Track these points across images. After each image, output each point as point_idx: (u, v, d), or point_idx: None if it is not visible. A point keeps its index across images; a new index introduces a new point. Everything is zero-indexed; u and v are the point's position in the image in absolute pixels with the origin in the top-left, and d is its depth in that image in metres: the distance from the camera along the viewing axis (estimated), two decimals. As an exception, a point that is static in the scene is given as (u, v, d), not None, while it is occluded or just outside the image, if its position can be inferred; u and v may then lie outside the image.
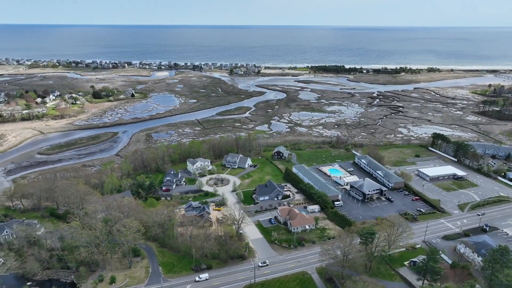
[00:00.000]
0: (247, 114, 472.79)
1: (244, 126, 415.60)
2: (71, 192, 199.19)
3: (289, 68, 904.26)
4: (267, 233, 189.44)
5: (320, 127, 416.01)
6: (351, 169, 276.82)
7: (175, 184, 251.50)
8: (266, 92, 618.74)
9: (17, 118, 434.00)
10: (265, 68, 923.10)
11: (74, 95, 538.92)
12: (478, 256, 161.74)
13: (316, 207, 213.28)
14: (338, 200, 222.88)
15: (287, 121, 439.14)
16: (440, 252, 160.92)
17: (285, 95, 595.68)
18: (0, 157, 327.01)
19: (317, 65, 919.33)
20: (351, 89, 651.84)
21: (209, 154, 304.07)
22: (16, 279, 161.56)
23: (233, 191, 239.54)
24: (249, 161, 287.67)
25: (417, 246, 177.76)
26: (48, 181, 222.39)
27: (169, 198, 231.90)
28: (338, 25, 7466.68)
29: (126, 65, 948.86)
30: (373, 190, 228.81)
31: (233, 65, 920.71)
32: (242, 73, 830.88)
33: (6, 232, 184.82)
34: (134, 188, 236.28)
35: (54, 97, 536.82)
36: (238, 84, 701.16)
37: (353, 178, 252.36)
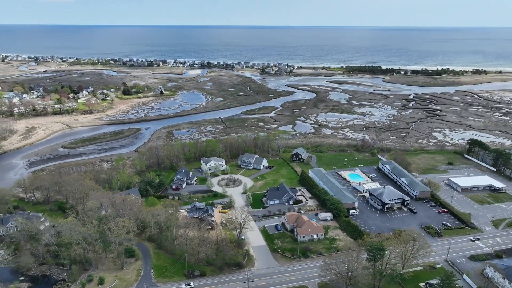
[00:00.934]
0: (272, 114, 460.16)
1: (267, 126, 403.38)
2: (75, 187, 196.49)
3: (323, 68, 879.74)
4: (271, 241, 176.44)
5: (347, 129, 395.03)
6: (374, 175, 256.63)
7: (185, 183, 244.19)
8: (295, 92, 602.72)
9: (49, 112, 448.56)
10: (298, 68, 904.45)
11: (105, 91, 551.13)
12: (509, 283, 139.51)
13: (328, 215, 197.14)
14: (354, 209, 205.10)
15: (312, 122, 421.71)
16: (463, 275, 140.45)
17: (314, 95, 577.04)
18: (26, 150, 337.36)
19: (352, 65, 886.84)
20: (385, 90, 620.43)
21: (225, 154, 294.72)
22: (11, 273, 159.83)
23: (243, 193, 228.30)
24: (265, 162, 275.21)
25: (438, 265, 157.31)
26: (56, 175, 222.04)
27: (176, 198, 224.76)
28: (380, 25, 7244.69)
29: (160, 63, 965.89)
30: (394, 199, 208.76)
31: (265, 64, 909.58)
32: (273, 72, 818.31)
33: (11, 224, 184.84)
34: (142, 186, 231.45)
35: (87, 93, 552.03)
36: (268, 83, 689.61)
37: (374, 185, 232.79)
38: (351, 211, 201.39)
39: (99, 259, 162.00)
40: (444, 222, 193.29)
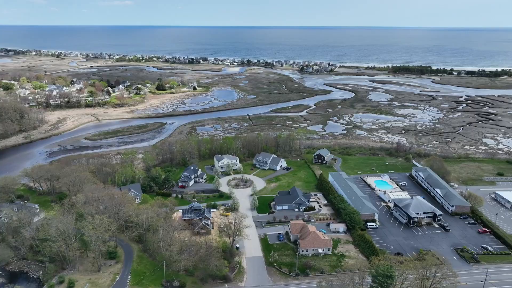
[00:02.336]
0: (303, 113, 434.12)
1: (295, 125, 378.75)
2: (70, 179, 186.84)
3: (366, 68, 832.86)
4: (270, 252, 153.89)
5: (383, 131, 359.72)
6: (404, 183, 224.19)
7: (193, 181, 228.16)
8: (332, 91, 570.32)
9: (82, 104, 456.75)
10: (340, 67, 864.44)
11: (139, 85, 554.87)
12: None
13: (341, 226, 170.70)
14: (373, 221, 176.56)
15: (345, 123, 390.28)
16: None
17: (353, 95, 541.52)
18: (52, 139, 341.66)
19: (398, 65, 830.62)
20: (433, 91, 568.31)
21: (242, 152, 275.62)
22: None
23: (252, 195, 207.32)
24: (282, 163, 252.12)
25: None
26: (58, 166, 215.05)
27: (180, 196, 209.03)
28: (438, 26, 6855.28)
29: (201, 60, 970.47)
30: (423, 213, 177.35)
31: (306, 63, 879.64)
32: (313, 71, 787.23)
33: (6, 214, 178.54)
34: (146, 181, 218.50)
35: (122, 87, 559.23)
36: (305, 82, 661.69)
37: (402, 195, 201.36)
38: (369, 224, 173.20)
39: (79, 258, 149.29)
40: (484, 245, 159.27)
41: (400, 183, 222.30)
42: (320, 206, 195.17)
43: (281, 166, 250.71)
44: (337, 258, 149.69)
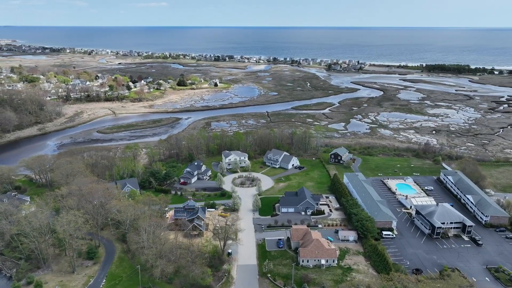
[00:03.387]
0: (325, 110, 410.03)
1: (315, 123, 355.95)
2: (61, 171, 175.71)
3: (398, 66, 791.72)
4: (265, 260, 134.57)
5: (411, 131, 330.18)
6: (431, 187, 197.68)
7: (196, 178, 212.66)
8: (359, 89, 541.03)
9: (102, 98, 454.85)
10: (370, 65, 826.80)
11: (161, 81, 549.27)
12: None
13: (351, 234, 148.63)
14: (390, 229, 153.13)
15: (370, 121, 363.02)
16: None
17: (381, 93, 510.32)
18: (66, 132, 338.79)
19: (433, 63, 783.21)
20: (470, 91, 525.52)
21: (252, 148, 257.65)
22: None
23: (257, 195, 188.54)
24: (294, 161, 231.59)
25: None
26: (55, 157, 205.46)
27: (179, 193, 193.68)
28: (477, 26, 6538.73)
29: (227, 58, 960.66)
30: (450, 223, 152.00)
31: (334, 61, 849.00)
32: (340, 69, 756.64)
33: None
34: (145, 176, 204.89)
35: (144, 82, 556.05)
36: (331, 80, 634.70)
37: (427, 201, 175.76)
38: (385, 232, 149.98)
39: (57, 257, 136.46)
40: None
41: (426, 188, 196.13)
42: (330, 210, 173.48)
43: (293, 164, 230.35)
44: (342, 272, 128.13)
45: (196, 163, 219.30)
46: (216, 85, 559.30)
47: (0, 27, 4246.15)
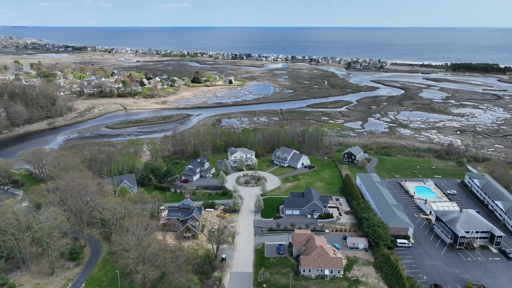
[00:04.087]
0: (342, 109, 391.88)
1: (331, 121, 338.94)
2: (53, 164, 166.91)
3: (421, 65, 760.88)
4: (263, 267, 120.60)
5: (434, 131, 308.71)
6: (453, 191, 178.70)
7: (198, 175, 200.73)
8: (379, 88, 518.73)
9: (114, 94, 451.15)
10: (392, 64, 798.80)
11: (175, 78, 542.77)
12: None
13: (361, 241, 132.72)
14: (406, 237, 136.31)
15: (389, 120, 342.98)
16: None
17: (402, 92, 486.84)
18: (75, 126, 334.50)
19: (458, 62, 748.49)
20: (499, 90, 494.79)
21: (261, 146, 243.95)
22: None
23: (262, 195, 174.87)
24: (304, 160, 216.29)
25: None
26: (49, 151, 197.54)
27: (179, 191, 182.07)
28: (506, 26, 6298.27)
29: (244, 56, 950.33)
30: (476, 232, 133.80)
31: (354, 59, 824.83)
32: (360, 67, 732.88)
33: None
34: (145, 173, 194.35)
35: (158, 79, 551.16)
36: (350, 78, 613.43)
37: (450, 206, 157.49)
38: (400, 241, 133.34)
39: (40, 257, 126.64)
40: None
41: (448, 191, 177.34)
42: (339, 214, 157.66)
43: (302, 163, 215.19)
44: (349, 285, 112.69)
45: (199, 160, 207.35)
46: (230, 82, 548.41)
47: (30, 27, 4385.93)
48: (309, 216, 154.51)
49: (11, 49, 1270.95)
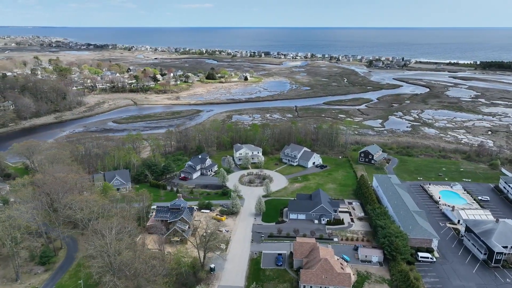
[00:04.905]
0: (361, 106, 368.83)
1: (348, 119, 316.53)
2: (38, 157, 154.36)
3: (448, 64, 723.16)
4: (257, 280, 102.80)
5: (462, 130, 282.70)
6: (486, 197, 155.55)
7: (199, 173, 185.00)
8: (402, 86, 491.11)
9: (127, 89, 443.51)
10: (416, 62, 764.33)
11: (189, 74, 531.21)
12: None
13: (375, 254, 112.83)
14: (429, 250, 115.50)
15: (412, 119, 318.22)
16: None
17: (427, 90, 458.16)
18: (82, 120, 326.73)
19: (488, 60, 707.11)
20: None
21: (270, 143, 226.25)
22: None
23: (265, 196, 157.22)
24: (315, 159, 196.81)
25: None
26: (42, 144, 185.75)
27: (175, 189, 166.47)
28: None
29: (263, 54, 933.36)
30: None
31: (376, 57, 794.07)
32: (383, 65, 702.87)
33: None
34: (141, 169, 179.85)
35: (172, 75, 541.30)
36: (371, 76, 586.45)
37: (483, 214, 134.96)
38: (422, 254, 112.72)
39: (10, 260, 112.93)
40: None
41: (480, 197, 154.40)
42: (352, 220, 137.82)
43: (313, 162, 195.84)
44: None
45: (200, 157, 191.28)
46: (246, 79, 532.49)
47: (58, 28, 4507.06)
48: (316, 221, 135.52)
49: (36, 47, 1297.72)
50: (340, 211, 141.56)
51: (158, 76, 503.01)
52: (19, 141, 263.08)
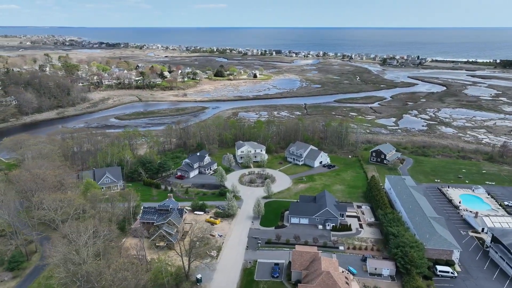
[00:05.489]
0: (374, 104, 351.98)
1: (360, 117, 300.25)
2: (21, 152, 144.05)
3: (465, 62, 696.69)
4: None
5: (482, 130, 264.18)
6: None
7: (197, 171, 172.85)
8: (417, 84, 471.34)
9: (133, 86, 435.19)
10: (432, 61, 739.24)
11: (197, 71, 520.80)
12: None
13: (386, 266, 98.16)
14: (449, 263, 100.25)
15: (428, 118, 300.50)
16: None
17: (444, 88, 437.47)
18: (84, 117, 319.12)
19: (509, 59, 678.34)
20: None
21: (275, 141, 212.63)
22: None
23: (266, 197, 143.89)
24: (323, 158, 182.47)
25: None
26: (32, 138, 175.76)
27: (169, 189, 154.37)
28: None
29: (274, 52, 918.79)
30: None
31: (390, 55, 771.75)
32: (397, 64, 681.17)
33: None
34: (134, 166, 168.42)
35: (179, 71, 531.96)
36: (385, 74, 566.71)
37: (509, 222, 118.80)
38: (441, 268, 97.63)
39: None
40: None
41: (506, 203, 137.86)
42: (360, 226, 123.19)
43: (321, 162, 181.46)
44: (365, 331, 79.10)
45: (198, 154, 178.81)
46: (255, 76, 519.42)
47: (74, 28, 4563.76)
48: (320, 226, 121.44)
49: (49, 46, 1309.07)
50: (348, 216, 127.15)
51: (166, 73, 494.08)
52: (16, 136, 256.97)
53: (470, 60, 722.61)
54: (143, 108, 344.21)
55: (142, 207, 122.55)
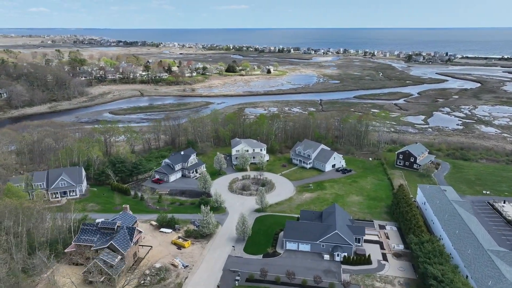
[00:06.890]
0: (399, 101, 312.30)
1: (382, 114, 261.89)
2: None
3: (500, 59, 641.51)
4: None
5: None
6: None
7: (179, 174, 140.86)
8: (447, 81, 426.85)
9: (137, 80, 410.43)
10: (462, 57, 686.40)
11: (207, 66, 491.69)
12: None
13: (426, 333, 62.47)
14: (527, 329, 63.72)
15: (463, 116, 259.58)
16: None
17: (478, 85, 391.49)
18: (77, 111, 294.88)
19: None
20: None
21: (280, 138, 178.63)
22: None
23: (257, 210, 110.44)
24: (336, 160, 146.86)
25: None
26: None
27: (140, 195, 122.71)
28: None
29: (291, 49, 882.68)
30: None
31: (416, 52, 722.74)
32: (423, 60, 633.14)
33: None
34: (101, 167, 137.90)
35: (186, 64, 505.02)
36: (410, 71, 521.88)
37: None
38: (514, 338, 61.33)
39: None
40: None
41: None
42: (384, 257, 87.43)
43: (333, 165, 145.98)
44: None
45: (183, 153, 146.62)
46: (269, 72, 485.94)
47: (100, 29, 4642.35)
48: (326, 256, 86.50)
49: (68, 44, 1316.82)
50: (366, 240, 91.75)
51: (174, 68, 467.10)
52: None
53: (505, 56, 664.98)
54: (142, 103, 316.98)
55: (82, 225, 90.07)
